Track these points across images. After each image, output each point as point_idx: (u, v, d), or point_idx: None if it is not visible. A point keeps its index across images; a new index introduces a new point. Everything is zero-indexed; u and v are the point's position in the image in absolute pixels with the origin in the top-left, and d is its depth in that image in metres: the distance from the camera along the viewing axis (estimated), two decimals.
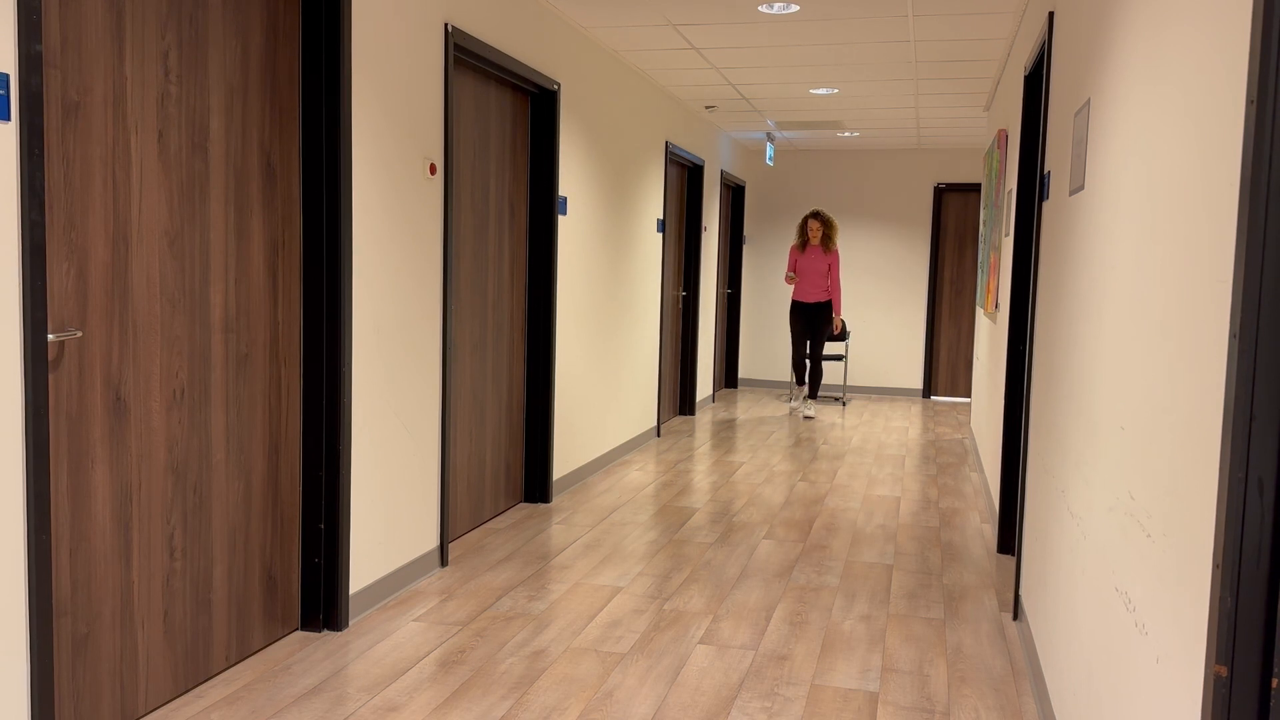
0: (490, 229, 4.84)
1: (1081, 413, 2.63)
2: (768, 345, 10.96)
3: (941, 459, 7.17)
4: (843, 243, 10.78)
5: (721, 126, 9.29)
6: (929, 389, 10.54)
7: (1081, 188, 2.83)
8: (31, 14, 2.23)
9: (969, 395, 10.45)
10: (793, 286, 10.28)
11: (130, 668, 2.75)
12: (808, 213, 9.07)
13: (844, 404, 9.95)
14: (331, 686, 3.07)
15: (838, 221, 9.61)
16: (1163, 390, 1.75)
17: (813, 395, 8.94)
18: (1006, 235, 5.25)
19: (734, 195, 10.54)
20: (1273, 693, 1.30)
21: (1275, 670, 1.29)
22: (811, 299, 8.80)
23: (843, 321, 8.91)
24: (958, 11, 5.02)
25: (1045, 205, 3.73)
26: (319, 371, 3.44)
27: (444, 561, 4.28)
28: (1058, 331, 3.18)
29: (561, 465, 5.69)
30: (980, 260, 7.54)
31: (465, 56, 4.38)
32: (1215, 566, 1.35)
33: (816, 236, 8.78)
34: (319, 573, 3.49)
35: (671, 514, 5.33)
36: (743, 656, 3.41)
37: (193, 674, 3.00)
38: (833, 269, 8.80)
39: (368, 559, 3.71)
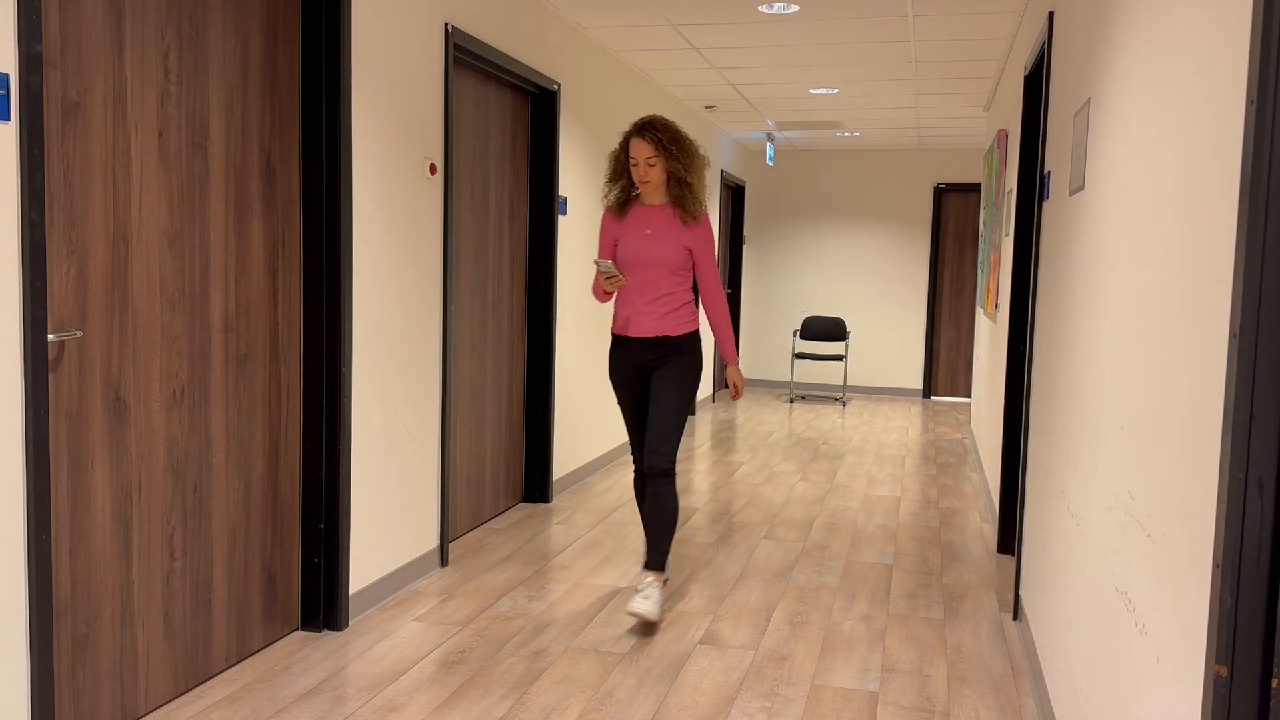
0: (490, 229, 4.84)
1: (1081, 413, 2.63)
2: (767, 345, 10.96)
3: (941, 459, 7.17)
4: (842, 242, 10.76)
5: (721, 126, 9.28)
6: (929, 389, 10.54)
7: (1081, 188, 2.83)
8: (31, 14, 2.23)
9: (969, 395, 10.45)
10: (612, 301, 4.84)
11: (130, 668, 2.75)
12: (630, 128, 3.73)
13: (844, 404, 9.95)
14: (331, 686, 3.07)
15: (701, 149, 3.81)
16: (1163, 390, 1.75)
17: (657, 564, 3.71)
18: (1006, 235, 5.25)
19: (734, 195, 10.54)
20: (1273, 693, 1.30)
21: (1275, 670, 1.29)
22: (649, 329, 3.73)
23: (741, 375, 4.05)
24: (958, 11, 5.02)
25: (1045, 205, 3.73)
26: (319, 371, 3.44)
27: (444, 561, 4.28)
28: (1058, 331, 3.18)
29: (561, 465, 5.69)
30: (980, 260, 7.54)
31: (465, 56, 4.38)
32: (1215, 566, 1.35)
33: (655, 188, 3.73)
34: (319, 573, 3.49)
35: None
36: (743, 656, 3.41)
37: (193, 674, 3.00)
38: (700, 260, 3.76)
39: (368, 559, 3.71)
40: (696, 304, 4.23)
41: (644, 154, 3.64)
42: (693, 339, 3.77)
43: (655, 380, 3.74)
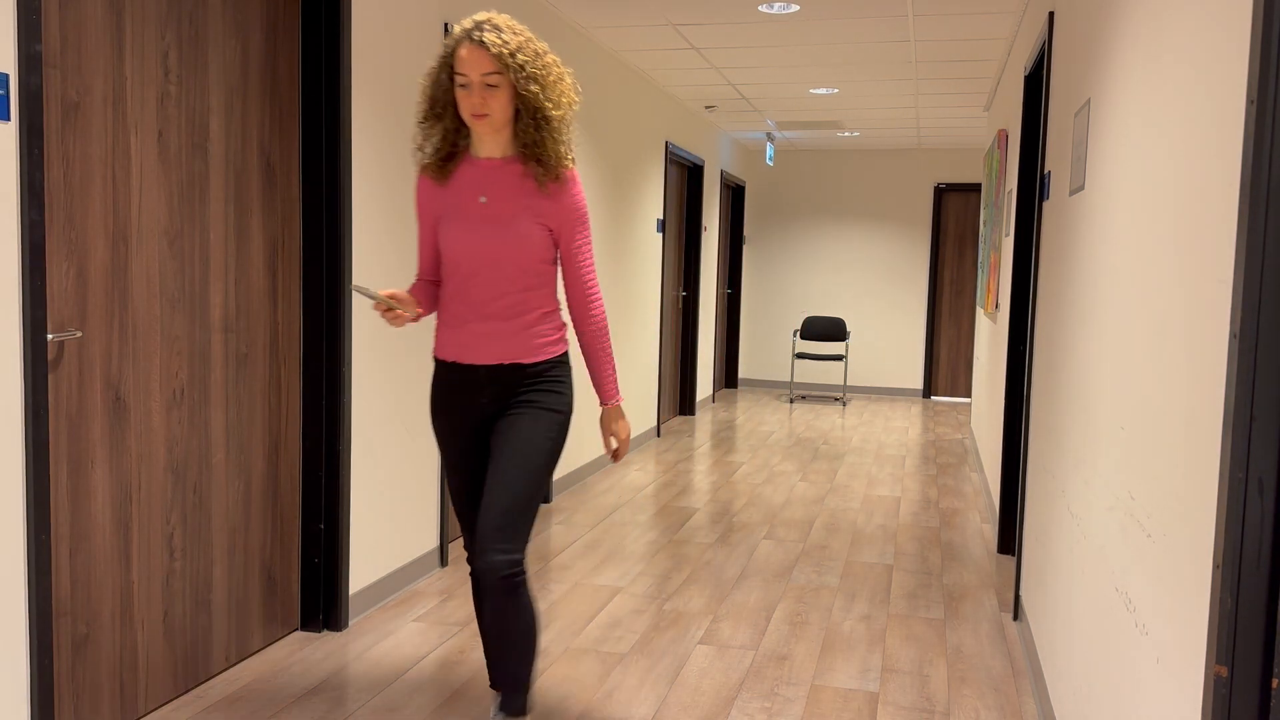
0: None
1: (1082, 413, 2.63)
2: (768, 345, 10.96)
3: (941, 459, 7.17)
4: (842, 242, 10.78)
5: (721, 126, 9.28)
6: (929, 389, 10.54)
7: (1081, 188, 2.83)
8: (31, 14, 2.23)
9: (969, 395, 10.45)
10: (434, 313, 3.16)
11: (130, 668, 2.75)
12: (457, 30, 2.35)
13: (844, 404, 9.95)
14: (331, 687, 3.07)
15: (569, 74, 2.49)
16: (1163, 390, 1.75)
17: (517, 708, 2.52)
18: (1006, 235, 5.25)
19: (734, 195, 10.54)
20: (1273, 693, 1.30)
21: (1275, 670, 1.29)
22: (489, 354, 2.48)
23: (626, 424, 2.60)
24: (958, 11, 5.02)
25: (1045, 205, 3.73)
26: (319, 371, 3.44)
27: (444, 561, 4.28)
28: (1058, 331, 3.18)
29: (561, 465, 5.69)
30: (980, 260, 7.54)
31: None
32: (1215, 567, 1.35)
33: (496, 129, 2.40)
34: (319, 573, 3.49)
35: (671, 514, 5.33)
36: (743, 656, 3.41)
37: (193, 674, 3.00)
38: (569, 246, 2.50)
39: (368, 559, 3.71)
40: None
41: (480, 68, 2.29)
42: (558, 368, 2.53)
43: (500, 431, 2.47)
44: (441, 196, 2.50)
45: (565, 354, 2.58)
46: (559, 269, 2.62)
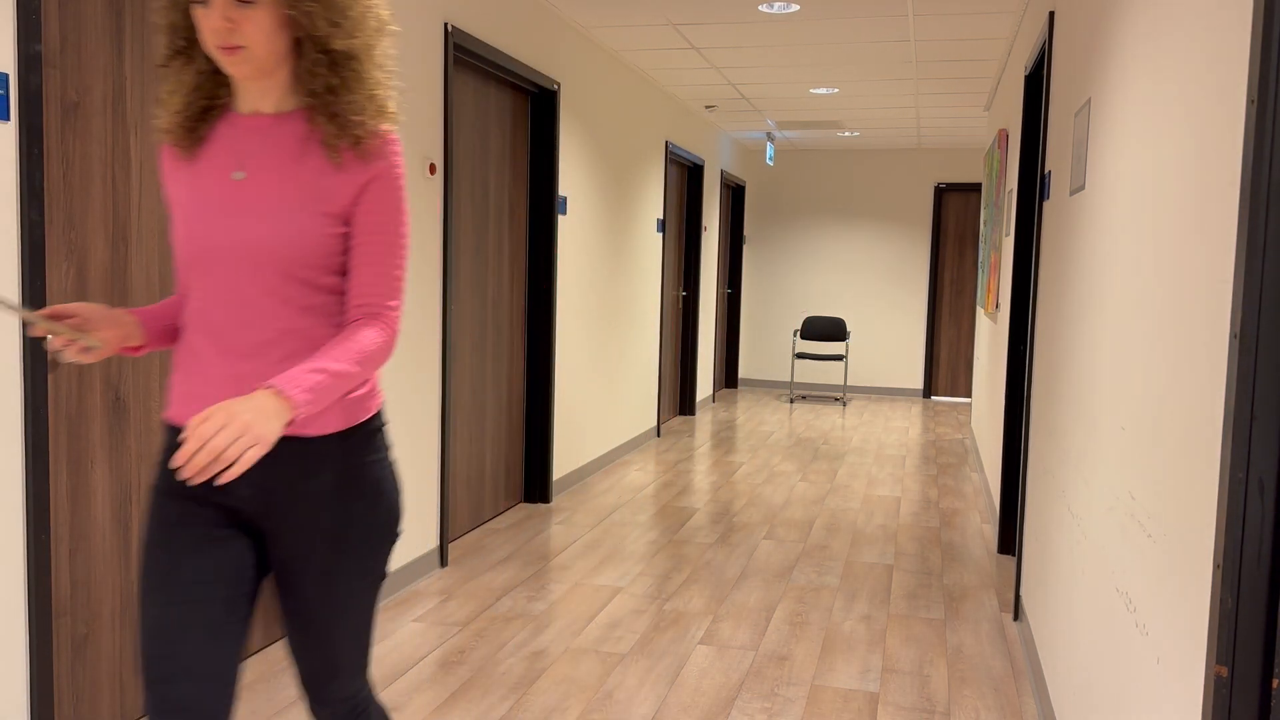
0: (490, 229, 4.84)
1: (1082, 413, 2.63)
2: (768, 345, 10.96)
3: (942, 459, 7.17)
4: (842, 242, 10.78)
5: (721, 126, 9.28)
6: (929, 389, 10.54)
7: (1082, 188, 2.83)
8: (31, 14, 2.23)
9: (969, 395, 10.45)
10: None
11: (130, 668, 2.75)
12: None
13: (844, 404, 9.95)
14: None
15: None
16: (1163, 390, 1.75)
17: None
18: (1007, 235, 5.25)
19: (734, 195, 10.54)
20: (1273, 693, 1.30)
21: (1275, 670, 1.29)
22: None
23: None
24: (958, 11, 5.02)
25: (1045, 205, 3.73)
26: None
27: (444, 562, 4.28)
28: (1058, 331, 3.18)
29: (561, 465, 5.69)
30: (980, 260, 7.54)
31: (465, 56, 4.38)
32: (1215, 567, 1.35)
33: (256, 68, 1.50)
34: None
35: (671, 514, 5.33)
36: (743, 657, 3.41)
37: None
38: (363, 241, 1.58)
39: None
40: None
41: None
42: (369, 442, 1.64)
43: (289, 570, 1.62)
44: (186, 173, 1.61)
45: (377, 416, 1.67)
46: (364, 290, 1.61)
